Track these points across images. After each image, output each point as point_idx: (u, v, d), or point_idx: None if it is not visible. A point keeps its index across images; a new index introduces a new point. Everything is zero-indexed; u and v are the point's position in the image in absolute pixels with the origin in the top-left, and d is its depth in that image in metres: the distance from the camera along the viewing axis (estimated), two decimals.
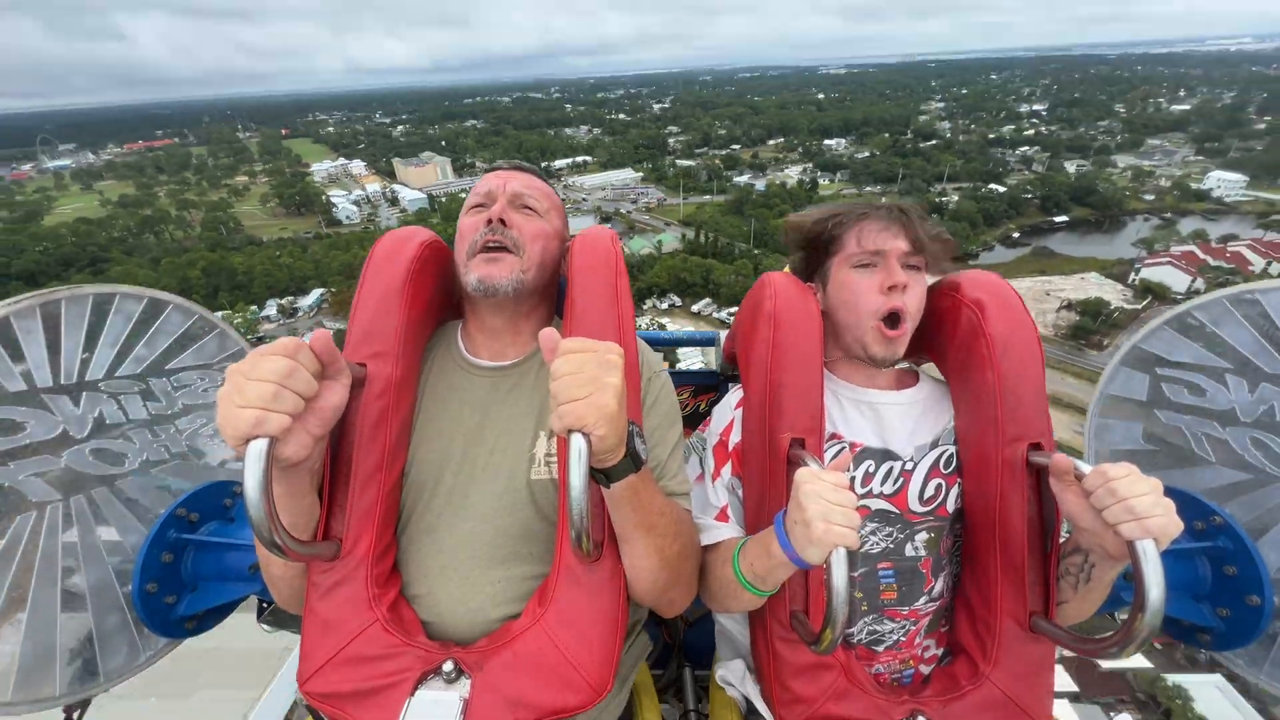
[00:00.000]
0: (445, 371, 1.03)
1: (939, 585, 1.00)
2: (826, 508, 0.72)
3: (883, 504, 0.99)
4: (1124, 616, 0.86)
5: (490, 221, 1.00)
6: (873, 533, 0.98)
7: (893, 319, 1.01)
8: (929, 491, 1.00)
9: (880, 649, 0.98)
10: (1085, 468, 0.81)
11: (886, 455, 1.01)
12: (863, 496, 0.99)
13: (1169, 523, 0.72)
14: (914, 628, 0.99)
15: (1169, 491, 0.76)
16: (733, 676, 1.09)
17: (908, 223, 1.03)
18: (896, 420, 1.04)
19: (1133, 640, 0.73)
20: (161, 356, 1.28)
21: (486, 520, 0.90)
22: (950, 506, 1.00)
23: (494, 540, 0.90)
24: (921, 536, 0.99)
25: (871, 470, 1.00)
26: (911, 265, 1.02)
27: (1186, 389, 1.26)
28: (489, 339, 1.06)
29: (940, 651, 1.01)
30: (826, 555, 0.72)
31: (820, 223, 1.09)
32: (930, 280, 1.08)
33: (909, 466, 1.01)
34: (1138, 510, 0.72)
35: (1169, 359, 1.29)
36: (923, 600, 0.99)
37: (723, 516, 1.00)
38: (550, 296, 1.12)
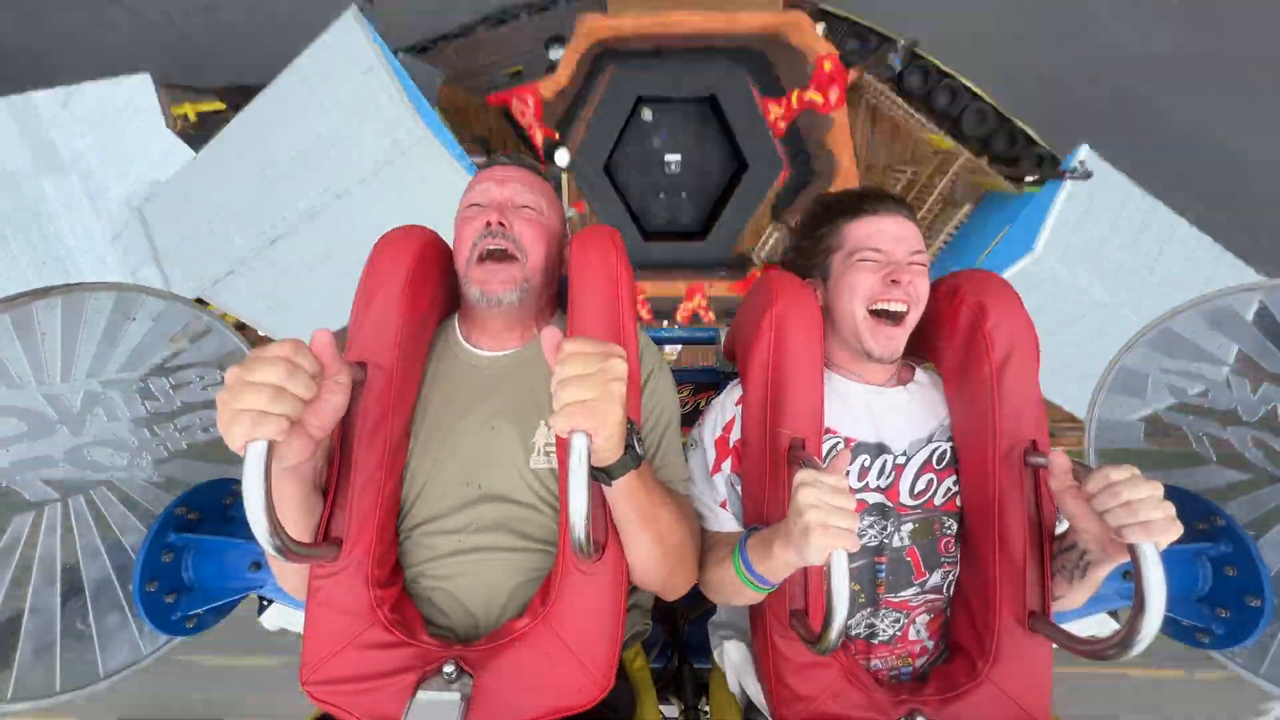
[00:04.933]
0: (445, 366, 1.02)
1: (932, 579, 0.99)
2: (826, 510, 0.72)
3: (877, 497, 1.00)
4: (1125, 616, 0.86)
5: (489, 224, 0.97)
6: (869, 526, 0.99)
7: (892, 317, 1.00)
8: (920, 486, 1.01)
9: (876, 642, 0.99)
10: (1085, 468, 0.81)
11: (881, 449, 1.02)
12: (858, 491, 0.99)
13: (1170, 526, 0.72)
14: (906, 620, 0.99)
15: (1170, 491, 0.76)
16: (733, 658, 1.08)
17: (912, 217, 1.02)
18: (892, 415, 1.04)
19: (1133, 642, 0.73)
20: (160, 355, 1.28)
21: (488, 516, 0.90)
22: (938, 500, 1.01)
23: (495, 536, 0.90)
24: (907, 527, 0.99)
25: (867, 464, 1.01)
26: (915, 262, 1.02)
27: (1188, 389, 1.26)
28: (489, 333, 1.05)
29: (938, 651, 1.02)
30: (826, 558, 0.72)
31: (823, 212, 1.09)
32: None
33: (901, 460, 1.01)
34: (1140, 514, 0.72)
35: (1170, 359, 1.29)
36: (912, 591, 0.98)
37: (723, 508, 1.01)
38: (553, 294, 1.11)
